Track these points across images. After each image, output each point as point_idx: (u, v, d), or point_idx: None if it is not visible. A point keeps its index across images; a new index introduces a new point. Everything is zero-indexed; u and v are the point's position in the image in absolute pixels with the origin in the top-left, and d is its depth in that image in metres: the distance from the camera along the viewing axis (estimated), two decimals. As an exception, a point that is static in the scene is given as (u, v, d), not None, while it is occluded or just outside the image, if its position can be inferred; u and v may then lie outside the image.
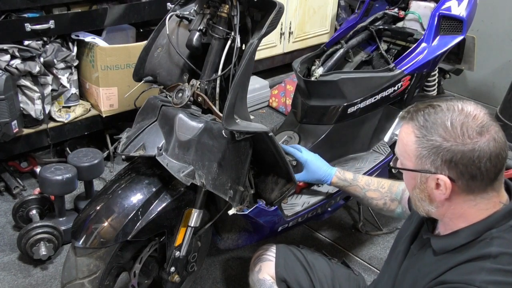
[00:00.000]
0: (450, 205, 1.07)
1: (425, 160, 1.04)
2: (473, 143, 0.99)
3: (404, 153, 1.09)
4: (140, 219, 1.44)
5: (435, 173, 1.03)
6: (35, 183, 2.52)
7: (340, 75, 2.03)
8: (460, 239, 1.07)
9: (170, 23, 1.67)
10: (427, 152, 1.03)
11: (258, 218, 1.64)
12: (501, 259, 0.99)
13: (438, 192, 1.05)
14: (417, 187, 1.09)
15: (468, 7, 2.16)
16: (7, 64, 2.16)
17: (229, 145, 1.45)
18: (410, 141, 1.06)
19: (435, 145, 1.01)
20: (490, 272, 0.98)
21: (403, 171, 1.12)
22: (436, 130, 1.02)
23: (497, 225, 1.04)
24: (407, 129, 1.08)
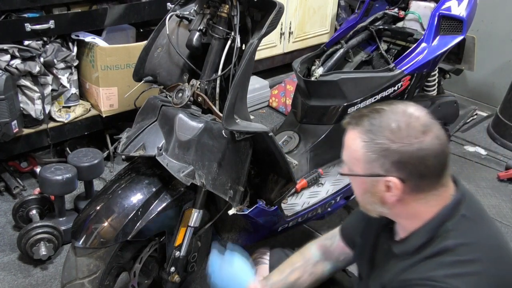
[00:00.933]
0: (403, 205, 1.07)
1: (374, 164, 1.04)
2: (419, 142, 1.01)
3: (352, 159, 1.08)
4: (140, 219, 1.44)
5: (385, 176, 1.03)
6: (35, 183, 2.51)
7: (340, 75, 2.03)
8: (418, 240, 1.07)
9: (170, 23, 1.67)
10: (375, 156, 1.03)
11: (258, 218, 1.64)
12: (458, 250, 1.02)
13: (389, 195, 1.05)
14: (368, 192, 1.09)
15: (468, 7, 2.16)
16: (7, 64, 2.16)
17: (229, 145, 1.45)
18: (357, 146, 1.06)
19: (383, 148, 1.02)
20: (450, 266, 1.00)
21: (352, 177, 1.11)
22: (382, 133, 1.02)
23: (449, 218, 1.06)
24: (353, 135, 1.07)
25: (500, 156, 3.14)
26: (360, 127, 1.06)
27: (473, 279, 0.98)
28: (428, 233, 1.06)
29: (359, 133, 1.06)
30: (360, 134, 1.06)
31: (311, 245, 1.48)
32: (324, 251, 1.44)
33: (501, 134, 3.31)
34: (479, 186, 2.83)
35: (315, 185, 2.08)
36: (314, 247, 1.47)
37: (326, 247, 1.44)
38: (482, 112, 3.74)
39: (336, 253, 1.43)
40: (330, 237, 1.47)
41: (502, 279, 1.00)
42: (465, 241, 1.03)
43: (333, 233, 1.47)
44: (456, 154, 3.15)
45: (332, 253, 1.43)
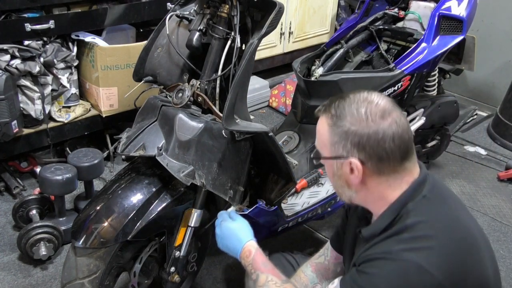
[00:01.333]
0: (367, 188, 1.13)
1: (338, 146, 1.11)
2: (376, 125, 1.07)
3: (321, 143, 1.16)
4: (140, 219, 1.44)
5: (347, 158, 1.10)
6: (35, 183, 2.51)
7: (340, 75, 2.03)
8: (383, 221, 1.12)
9: (170, 23, 1.67)
10: (338, 138, 1.11)
11: (258, 218, 1.64)
12: (416, 227, 1.07)
13: (353, 177, 1.11)
14: (335, 174, 1.16)
15: (468, 7, 2.16)
16: (7, 64, 2.16)
17: (229, 145, 1.45)
18: (324, 130, 1.14)
19: (344, 130, 1.10)
20: (407, 241, 1.05)
21: (323, 161, 1.19)
22: (345, 117, 1.10)
23: (411, 198, 1.11)
24: (321, 121, 1.16)
25: (500, 156, 3.14)
26: (327, 113, 1.15)
27: (426, 252, 1.02)
28: (391, 215, 1.12)
29: (326, 118, 1.15)
30: (327, 119, 1.14)
31: (306, 269, 1.49)
32: (319, 270, 1.46)
33: (501, 134, 3.31)
34: (479, 186, 2.84)
35: (315, 185, 2.08)
36: (309, 270, 1.48)
37: (321, 265, 1.46)
38: (482, 112, 3.74)
39: (332, 266, 1.45)
40: (322, 253, 1.49)
41: (454, 255, 1.04)
42: (423, 219, 1.08)
43: (324, 247, 1.50)
44: (456, 154, 3.15)
45: (328, 268, 1.45)
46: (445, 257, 1.02)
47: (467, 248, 1.06)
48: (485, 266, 1.08)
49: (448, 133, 2.70)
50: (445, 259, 1.02)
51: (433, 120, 2.49)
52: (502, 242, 2.39)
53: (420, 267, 1.00)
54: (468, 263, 1.05)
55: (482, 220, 2.54)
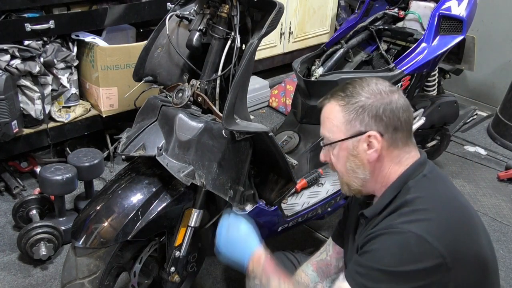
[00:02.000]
0: (381, 165, 1.17)
1: (354, 122, 1.15)
2: (389, 97, 1.15)
3: (332, 127, 1.19)
4: (140, 219, 1.44)
5: (365, 132, 1.14)
6: (35, 183, 2.52)
7: (340, 75, 2.03)
8: (385, 199, 1.16)
9: (170, 23, 1.67)
10: (354, 114, 1.14)
11: (258, 218, 1.64)
12: (415, 201, 1.10)
13: (370, 152, 1.15)
14: (350, 156, 1.17)
15: (468, 7, 2.16)
16: (7, 64, 2.16)
17: (229, 145, 1.45)
18: (335, 112, 1.18)
19: (360, 105, 1.14)
20: (406, 214, 1.09)
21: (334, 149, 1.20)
22: (359, 94, 1.16)
23: (411, 176, 1.15)
24: (330, 106, 1.20)
25: (500, 156, 3.14)
26: (335, 98, 1.19)
27: (424, 223, 1.05)
28: (393, 192, 1.15)
29: (335, 102, 1.18)
30: (337, 102, 1.18)
31: (307, 268, 1.49)
32: (321, 268, 1.46)
33: (501, 134, 3.31)
34: (479, 186, 2.84)
35: (315, 185, 2.08)
36: (310, 269, 1.49)
37: (322, 262, 1.47)
38: (482, 112, 3.74)
39: (334, 261, 1.45)
40: (323, 250, 1.51)
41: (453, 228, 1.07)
42: (422, 194, 1.12)
43: (326, 244, 1.52)
44: (456, 154, 3.15)
45: (330, 264, 1.45)
46: (444, 229, 1.06)
47: (465, 224, 1.10)
48: (482, 244, 1.11)
49: (448, 133, 2.70)
50: (444, 231, 1.05)
51: (433, 120, 2.49)
52: (502, 242, 2.39)
53: (420, 237, 1.03)
54: (466, 238, 1.08)
55: (482, 220, 2.53)
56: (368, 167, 1.17)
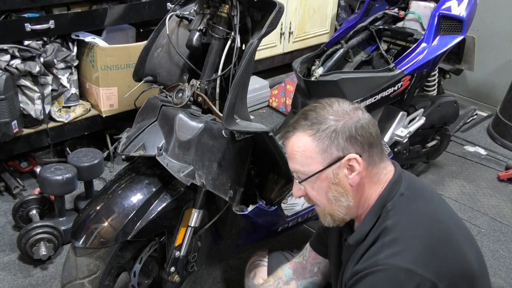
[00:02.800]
0: (362, 188, 1.13)
1: (330, 149, 1.09)
2: (355, 115, 1.12)
3: (305, 160, 1.11)
4: (140, 219, 1.44)
5: (344, 156, 1.09)
6: (35, 183, 2.51)
7: (340, 75, 2.03)
8: (366, 225, 1.13)
9: (170, 23, 1.67)
10: (328, 140, 1.09)
11: (258, 218, 1.64)
12: (396, 228, 1.07)
13: (352, 175, 1.10)
14: (332, 185, 1.12)
15: (468, 7, 2.16)
16: (7, 64, 2.16)
17: (229, 145, 1.45)
18: (305, 143, 1.11)
19: (332, 129, 1.09)
20: (389, 245, 1.05)
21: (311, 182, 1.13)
22: (325, 118, 1.10)
23: (389, 197, 1.12)
24: (296, 138, 1.12)
25: (500, 156, 3.14)
26: (301, 128, 1.12)
27: (409, 254, 1.03)
28: (373, 217, 1.13)
29: (302, 132, 1.11)
30: (304, 132, 1.11)
31: (285, 266, 1.51)
32: (297, 269, 1.47)
33: (501, 134, 3.31)
34: (479, 186, 2.84)
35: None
36: (287, 267, 1.50)
37: (299, 264, 1.47)
38: (482, 112, 3.74)
39: (309, 266, 1.46)
40: (301, 253, 1.51)
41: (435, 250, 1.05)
42: (402, 218, 1.09)
43: (304, 248, 1.51)
44: (456, 154, 3.15)
45: (305, 268, 1.46)
46: (430, 255, 1.04)
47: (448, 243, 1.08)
48: (467, 256, 1.09)
49: (448, 133, 2.70)
50: (430, 256, 1.04)
51: (433, 120, 2.49)
52: (502, 242, 2.39)
53: (409, 270, 1.01)
54: (451, 258, 1.07)
55: (482, 220, 2.54)
56: (351, 193, 1.13)
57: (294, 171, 1.16)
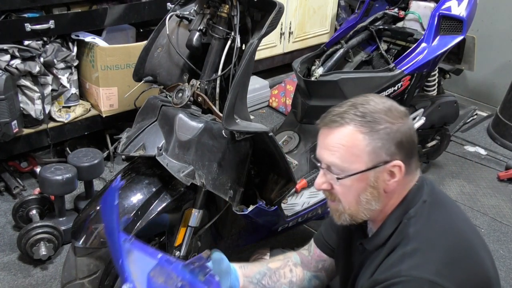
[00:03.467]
0: (392, 194, 1.09)
1: (380, 152, 1.03)
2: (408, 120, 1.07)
3: (349, 157, 1.04)
4: (140, 219, 1.44)
5: (390, 161, 1.04)
6: (35, 183, 2.51)
7: (340, 75, 2.03)
8: (386, 231, 1.10)
9: (170, 23, 1.67)
10: (381, 143, 1.03)
11: (258, 218, 1.64)
12: (418, 237, 1.04)
13: (391, 182, 1.06)
14: (369, 188, 1.06)
15: (468, 7, 2.16)
16: (7, 64, 2.16)
17: (229, 145, 1.45)
18: (356, 139, 1.03)
19: (387, 131, 1.03)
20: (411, 255, 1.02)
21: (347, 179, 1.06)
22: (381, 118, 1.03)
23: (412, 204, 1.09)
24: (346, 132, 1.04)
25: (500, 156, 3.14)
26: (351, 122, 1.04)
27: (432, 266, 1.00)
28: (394, 223, 1.09)
29: (355, 127, 1.04)
30: (357, 128, 1.03)
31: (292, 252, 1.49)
32: (303, 259, 1.45)
33: (501, 134, 3.31)
34: (479, 186, 2.83)
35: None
36: (295, 253, 1.48)
37: (305, 256, 1.45)
38: (482, 112, 3.74)
39: (313, 261, 1.43)
40: (306, 247, 1.48)
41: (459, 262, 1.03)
42: (425, 227, 1.06)
43: (309, 244, 1.48)
44: (456, 154, 3.15)
45: (310, 262, 1.43)
46: (452, 266, 1.01)
47: (468, 253, 1.06)
48: (486, 266, 1.08)
49: (448, 133, 2.70)
50: (453, 268, 1.01)
51: (433, 120, 2.49)
52: (502, 242, 2.39)
53: (433, 283, 0.98)
54: (473, 268, 1.05)
55: (482, 220, 2.54)
56: (382, 198, 1.08)
57: (328, 164, 1.08)
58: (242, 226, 1.82)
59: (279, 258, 1.44)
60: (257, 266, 1.37)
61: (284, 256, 1.45)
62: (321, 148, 1.10)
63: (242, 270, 1.32)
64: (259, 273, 1.33)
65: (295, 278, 1.38)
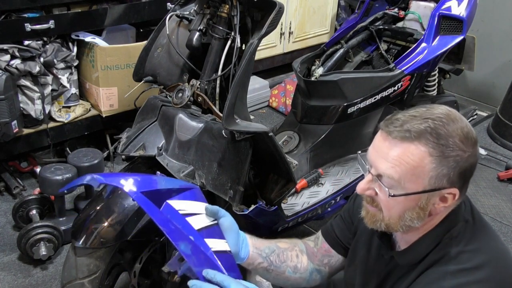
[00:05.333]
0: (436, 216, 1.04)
1: (443, 178, 0.97)
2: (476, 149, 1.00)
3: (410, 176, 0.97)
4: (140, 219, 1.44)
5: (448, 188, 0.98)
6: (35, 183, 2.51)
7: (340, 75, 2.03)
8: (424, 248, 1.05)
9: (170, 23, 1.67)
10: (446, 169, 0.96)
11: (258, 218, 1.64)
12: (461, 258, 1.00)
13: (441, 206, 1.01)
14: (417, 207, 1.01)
15: (468, 7, 2.16)
16: (7, 64, 2.16)
17: (229, 145, 1.45)
18: (423, 160, 0.96)
19: (457, 160, 0.96)
20: (454, 274, 0.98)
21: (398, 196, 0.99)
22: (455, 144, 0.96)
23: (454, 223, 1.05)
24: (415, 149, 0.96)
25: (500, 156, 3.14)
26: (423, 140, 0.96)
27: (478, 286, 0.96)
28: (433, 241, 1.04)
29: (424, 146, 0.96)
30: (426, 147, 0.95)
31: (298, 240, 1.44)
32: (308, 249, 1.41)
33: (501, 134, 3.31)
34: (479, 186, 2.83)
35: (315, 185, 2.08)
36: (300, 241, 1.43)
37: (310, 247, 1.41)
38: (482, 112, 3.74)
39: (319, 255, 1.40)
40: (312, 239, 1.44)
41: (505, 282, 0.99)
42: (467, 248, 1.01)
43: (316, 236, 1.43)
44: (456, 154, 3.14)
45: (315, 254, 1.40)
46: None
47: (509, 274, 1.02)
48: None
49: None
50: None
51: (433, 120, 2.48)
52: (502, 242, 2.39)
53: None
54: None
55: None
56: (426, 218, 1.02)
57: (382, 174, 1.00)
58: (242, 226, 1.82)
59: (285, 240, 1.39)
60: (266, 241, 1.32)
61: (290, 240, 1.40)
62: (379, 155, 1.01)
63: (252, 240, 1.28)
64: (268, 248, 1.30)
65: (299, 264, 1.35)
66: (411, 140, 0.96)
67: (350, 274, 1.32)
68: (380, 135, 1.02)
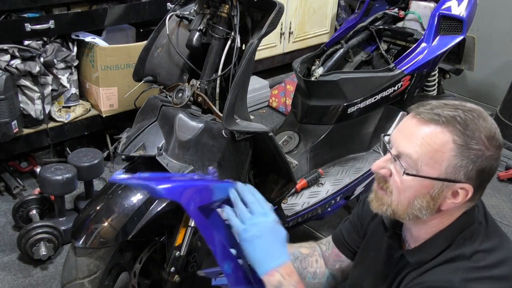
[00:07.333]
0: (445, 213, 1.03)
1: (460, 170, 0.95)
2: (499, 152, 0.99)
3: (430, 159, 0.96)
4: (140, 219, 1.44)
5: (464, 183, 0.97)
6: (35, 183, 2.51)
7: (340, 75, 2.03)
8: (436, 248, 1.04)
9: (170, 23, 1.67)
10: (466, 162, 0.95)
11: (258, 218, 1.64)
12: (475, 258, 1.00)
13: (451, 201, 0.99)
14: (428, 195, 0.99)
15: (468, 7, 2.16)
16: (7, 64, 2.16)
17: (229, 145, 1.45)
18: (446, 146, 0.95)
19: (478, 155, 0.95)
20: (467, 271, 0.98)
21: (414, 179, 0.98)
22: (481, 138, 0.95)
23: (466, 224, 1.04)
24: (441, 133, 0.95)
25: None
26: (450, 126, 0.95)
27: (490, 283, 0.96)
28: (446, 241, 1.03)
29: (450, 133, 0.95)
30: (452, 134, 0.95)
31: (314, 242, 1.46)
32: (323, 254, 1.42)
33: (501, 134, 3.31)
34: (479, 186, 2.83)
35: (315, 185, 2.08)
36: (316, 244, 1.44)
37: (323, 251, 1.42)
38: (482, 112, 3.74)
39: (331, 259, 1.40)
40: (325, 242, 1.44)
41: None
42: (482, 247, 1.01)
43: (327, 240, 1.44)
44: (456, 154, 3.14)
45: (328, 259, 1.41)
46: None
47: None
48: None
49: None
50: None
51: (433, 120, 2.48)
52: (502, 242, 2.39)
53: None
54: None
55: None
56: (434, 211, 1.01)
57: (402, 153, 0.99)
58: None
59: (305, 245, 1.39)
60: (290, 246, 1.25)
61: (309, 244, 1.40)
62: (402, 134, 1.00)
63: None
64: (292, 254, 1.29)
65: (318, 270, 1.35)
66: (439, 124, 0.96)
67: (356, 275, 1.31)
68: (409, 116, 1.01)
